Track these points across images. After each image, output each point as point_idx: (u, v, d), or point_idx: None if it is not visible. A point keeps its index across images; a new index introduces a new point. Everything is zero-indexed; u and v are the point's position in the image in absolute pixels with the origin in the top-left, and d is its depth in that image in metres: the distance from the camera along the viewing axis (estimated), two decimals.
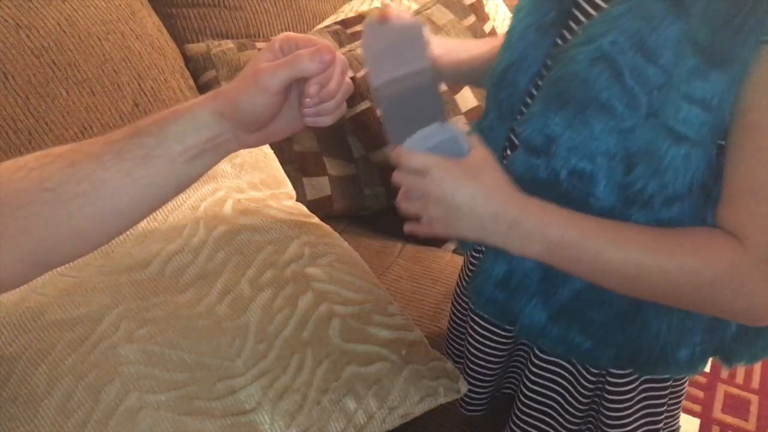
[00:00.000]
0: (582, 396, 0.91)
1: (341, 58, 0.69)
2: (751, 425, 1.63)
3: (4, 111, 1.03)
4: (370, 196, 1.44)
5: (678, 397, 0.96)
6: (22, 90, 1.06)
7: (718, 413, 1.66)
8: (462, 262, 1.12)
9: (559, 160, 0.74)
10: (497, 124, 0.85)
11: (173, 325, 0.86)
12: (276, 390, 0.84)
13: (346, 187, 1.42)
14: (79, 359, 0.82)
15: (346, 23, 1.56)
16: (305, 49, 0.67)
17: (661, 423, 0.92)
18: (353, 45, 1.42)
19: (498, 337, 0.96)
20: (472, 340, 0.98)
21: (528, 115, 0.77)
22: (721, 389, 1.71)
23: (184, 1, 1.47)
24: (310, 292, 0.93)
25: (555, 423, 0.94)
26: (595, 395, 0.91)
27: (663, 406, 0.90)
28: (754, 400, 1.69)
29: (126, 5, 1.27)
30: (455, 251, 1.46)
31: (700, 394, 1.70)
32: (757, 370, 1.76)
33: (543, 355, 0.91)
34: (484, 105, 0.95)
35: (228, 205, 1.02)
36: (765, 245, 0.65)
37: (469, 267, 1.04)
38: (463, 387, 0.95)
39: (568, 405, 0.93)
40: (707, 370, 1.76)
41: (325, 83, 0.69)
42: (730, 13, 0.61)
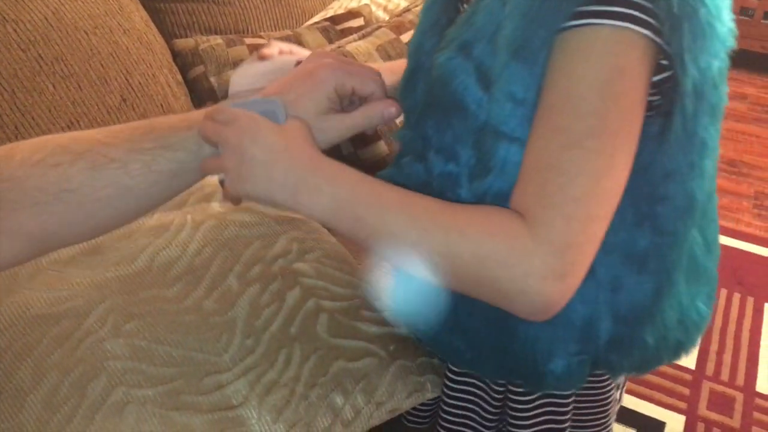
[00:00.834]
0: (493, 407, 0.92)
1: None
2: (735, 422, 1.64)
3: None
4: None
5: (605, 406, 0.94)
6: (8, 84, 1.05)
7: (703, 410, 1.67)
8: None
9: (432, 163, 0.75)
10: (409, 132, 0.82)
11: (160, 320, 0.86)
12: (263, 385, 0.84)
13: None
14: (65, 354, 0.81)
15: (335, 20, 1.56)
16: (378, 102, 0.70)
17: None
18: (342, 41, 1.42)
19: None
20: None
21: (408, 124, 0.79)
22: (706, 386, 1.73)
23: None
24: (297, 288, 0.93)
25: None
26: (503, 407, 0.92)
27: (566, 421, 0.90)
28: (739, 397, 1.70)
29: None
30: None
31: (686, 391, 1.71)
32: (741, 368, 1.77)
33: (453, 375, 0.92)
34: None
35: (216, 199, 1.02)
36: (545, 222, 0.62)
37: None
38: None
39: (482, 419, 0.94)
40: (692, 368, 1.77)
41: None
42: (527, 5, 0.62)
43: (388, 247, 0.66)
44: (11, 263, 0.67)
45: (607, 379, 0.92)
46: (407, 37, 1.48)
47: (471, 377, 0.93)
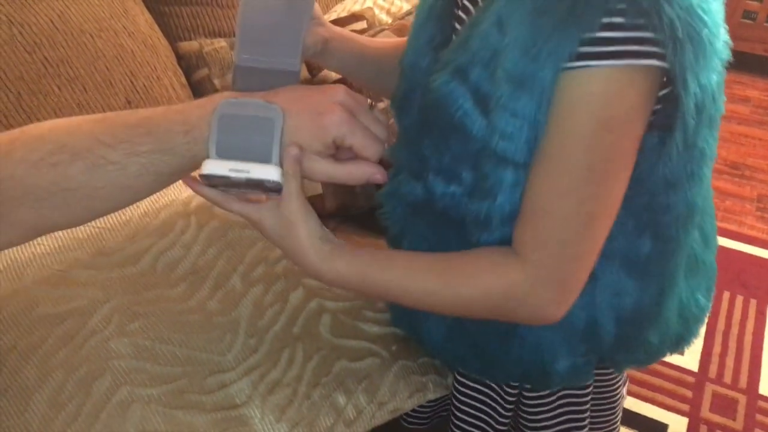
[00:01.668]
0: (505, 411, 0.93)
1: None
2: (738, 424, 1.64)
3: None
4: (362, 194, 1.45)
5: (613, 401, 0.96)
6: (14, 86, 1.06)
7: (706, 413, 1.67)
8: None
9: (431, 184, 0.76)
10: (405, 151, 0.83)
11: (164, 320, 0.87)
12: (266, 384, 0.84)
13: (337, 185, 1.43)
14: (70, 353, 0.82)
15: (338, 23, 1.56)
16: (368, 167, 0.69)
17: (585, 429, 0.93)
18: None
19: None
20: None
21: (403, 141, 0.81)
22: (708, 389, 1.73)
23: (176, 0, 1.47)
24: (300, 288, 0.94)
25: None
26: (516, 407, 0.93)
27: (585, 416, 0.91)
28: (742, 399, 1.70)
29: (119, 3, 1.27)
30: None
31: (688, 394, 1.71)
32: (744, 370, 1.77)
33: (462, 379, 0.93)
34: None
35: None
36: (542, 266, 0.68)
37: None
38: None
39: (495, 423, 0.95)
40: (695, 370, 1.77)
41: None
42: (529, 41, 0.62)
43: (410, 305, 0.75)
44: (7, 247, 0.69)
45: (616, 375, 0.93)
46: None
47: (478, 391, 0.93)
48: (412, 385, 0.92)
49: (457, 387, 0.94)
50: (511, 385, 0.91)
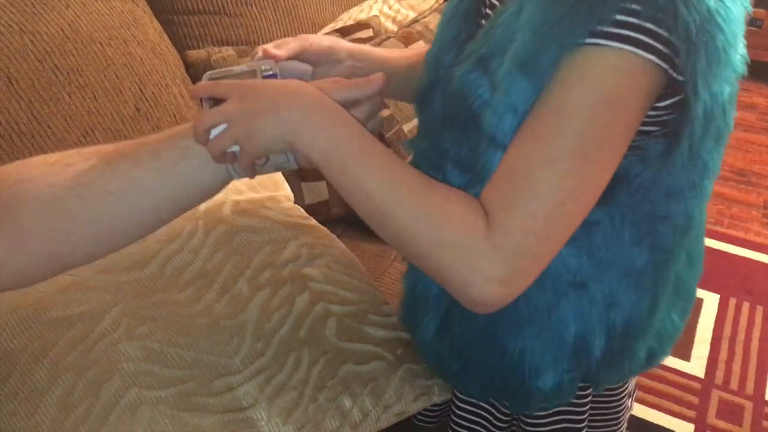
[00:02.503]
0: (501, 423, 0.93)
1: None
2: (745, 431, 1.64)
3: (8, 114, 1.05)
4: None
5: (618, 414, 0.95)
6: (25, 94, 1.08)
7: (712, 419, 1.67)
8: None
9: (449, 175, 0.75)
10: (424, 143, 0.83)
11: (172, 323, 0.88)
12: (273, 387, 0.85)
13: None
14: (79, 356, 0.83)
15: (344, 31, 1.58)
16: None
17: None
18: None
19: None
20: None
21: (422, 134, 0.80)
22: (715, 395, 1.72)
23: (185, 9, 1.49)
24: (307, 292, 0.95)
25: None
26: (513, 423, 0.93)
27: (583, 426, 0.91)
28: (748, 406, 1.70)
29: (128, 12, 1.29)
30: None
31: (695, 400, 1.71)
32: (751, 377, 1.77)
33: (460, 395, 0.94)
34: None
35: (227, 206, 1.04)
36: (504, 229, 0.63)
37: None
38: None
39: (493, 426, 0.95)
40: (701, 376, 1.77)
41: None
42: (540, 21, 0.62)
43: (362, 204, 0.67)
44: (30, 269, 0.68)
45: (621, 386, 0.93)
46: (415, 47, 1.49)
47: (475, 405, 0.94)
48: (417, 389, 0.92)
49: (455, 402, 0.95)
50: (505, 404, 0.91)
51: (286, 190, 1.14)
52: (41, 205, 0.66)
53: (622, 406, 0.95)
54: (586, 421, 0.91)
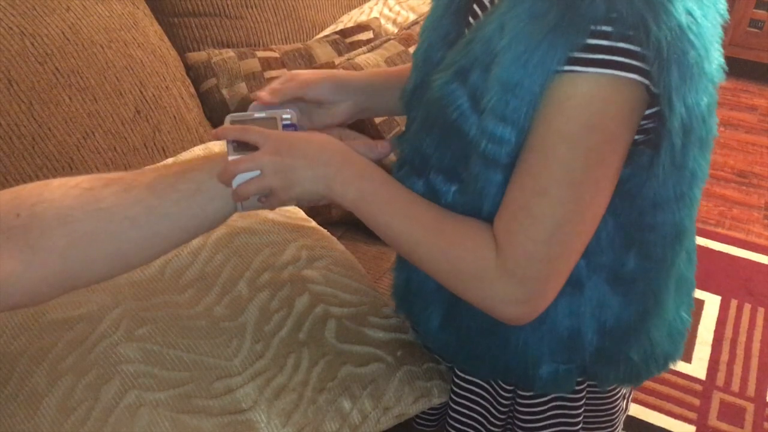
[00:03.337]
0: (499, 413, 0.94)
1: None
2: None
3: (8, 116, 1.05)
4: None
5: (612, 415, 0.96)
6: (25, 96, 1.08)
7: (713, 421, 1.66)
8: None
9: (433, 182, 0.77)
10: (408, 144, 0.84)
11: (172, 325, 0.88)
12: (272, 389, 0.85)
13: None
14: (79, 358, 0.83)
15: (344, 33, 1.58)
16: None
17: None
18: (351, 54, 1.44)
19: None
20: None
21: (408, 134, 0.82)
22: (716, 397, 1.72)
23: (185, 11, 1.49)
24: (306, 294, 0.95)
25: None
26: (510, 411, 0.94)
27: (578, 420, 0.91)
28: (750, 407, 1.70)
29: (128, 14, 1.29)
30: None
31: (696, 402, 1.71)
32: (752, 378, 1.77)
33: (461, 374, 0.94)
34: None
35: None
36: (510, 258, 0.69)
37: None
38: None
39: (489, 422, 0.95)
40: (703, 378, 1.76)
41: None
42: (522, 46, 0.63)
43: (390, 242, 0.77)
44: (43, 288, 0.71)
45: (614, 388, 0.93)
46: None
47: (476, 384, 0.94)
48: (416, 391, 0.92)
49: (456, 382, 0.95)
50: (505, 388, 0.91)
51: None
52: (59, 226, 0.69)
53: (616, 408, 0.95)
54: (582, 416, 0.91)
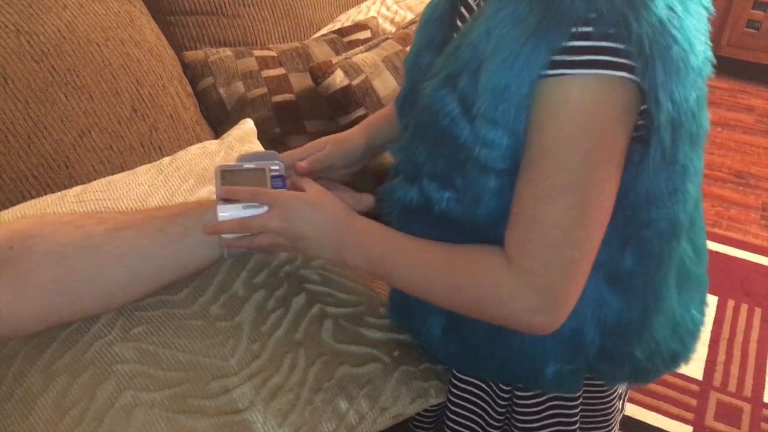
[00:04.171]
0: (497, 413, 0.94)
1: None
2: None
3: (4, 115, 1.05)
4: None
5: (607, 415, 0.96)
6: (21, 94, 1.07)
7: (710, 421, 1.66)
8: None
9: (427, 189, 0.78)
10: (401, 152, 0.85)
11: (168, 325, 0.87)
12: (269, 389, 0.85)
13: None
14: (74, 358, 0.83)
15: (342, 32, 1.58)
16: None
17: None
18: (349, 53, 1.43)
19: None
20: None
21: (400, 143, 0.82)
22: (713, 397, 1.72)
23: (182, 9, 1.49)
24: (303, 294, 0.95)
25: None
26: (508, 411, 0.94)
27: (575, 419, 0.92)
28: (746, 408, 1.70)
29: (125, 12, 1.29)
30: None
31: (693, 402, 1.71)
32: (749, 379, 1.77)
33: (459, 374, 0.94)
34: None
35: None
36: (526, 269, 0.70)
37: None
38: None
39: (486, 424, 0.96)
40: (700, 378, 1.76)
41: None
42: (507, 50, 0.63)
43: (408, 290, 0.80)
44: (29, 320, 0.75)
45: (609, 388, 0.92)
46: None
47: (474, 385, 0.94)
48: (414, 391, 0.92)
49: (454, 383, 0.95)
50: (503, 389, 0.91)
51: None
52: (48, 261, 0.72)
53: (612, 408, 0.95)
54: (579, 416, 0.91)
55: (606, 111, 0.63)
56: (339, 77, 1.35)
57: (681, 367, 0.88)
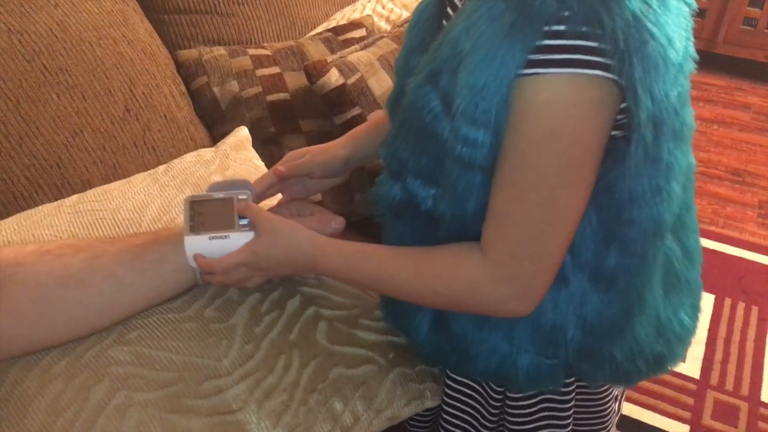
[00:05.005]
0: (490, 415, 0.94)
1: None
2: None
3: None
4: (360, 202, 1.45)
5: (603, 417, 0.95)
6: (13, 94, 1.07)
7: (707, 420, 1.66)
8: None
9: (411, 186, 0.78)
10: (388, 150, 0.85)
11: (163, 328, 0.87)
12: (262, 390, 0.84)
13: (336, 193, 1.43)
14: (70, 363, 0.83)
15: (337, 30, 1.57)
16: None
17: None
18: (344, 52, 1.43)
19: None
20: None
21: (387, 139, 0.82)
22: (710, 396, 1.72)
23: (176, 8, 1.48)
24: (298, 296, 0.94)
25: None
26: (501, 413, 0.93)
27: (568, 422, 0.91)
28: (744, 406, 1.69)
29: (118, 11, 1.28)
30: None
31: (690, 401, 1.70)
32: (746, 377, 1.76)
33: (453, 375, 0.94)
34: None
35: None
36: (500, 264, 0.72)
37: None
38: None
39: (480, 426, 0.95)
40: (697, 377, 1.76)
41: None
42: (484, 48, 0.63)
43: (394, 297, 0.85)
44: (6, 347, 0.78)
45: (605, 390, 0.92)
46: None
47: (469, 381, 0.93)
48: (409, 393, 0.92)
49: (448, 383, 0.94)
50: (496, 389, 0.91)
51: (278, 197, 1.13)
52: (26, 290, 0.75)
53: (608, 410, 0.94)
54: (571, 418, 0.91)
55: (577, 112, 0.62)
56: (334, 76, 1.35)
57: (669, 371, 0.87)
